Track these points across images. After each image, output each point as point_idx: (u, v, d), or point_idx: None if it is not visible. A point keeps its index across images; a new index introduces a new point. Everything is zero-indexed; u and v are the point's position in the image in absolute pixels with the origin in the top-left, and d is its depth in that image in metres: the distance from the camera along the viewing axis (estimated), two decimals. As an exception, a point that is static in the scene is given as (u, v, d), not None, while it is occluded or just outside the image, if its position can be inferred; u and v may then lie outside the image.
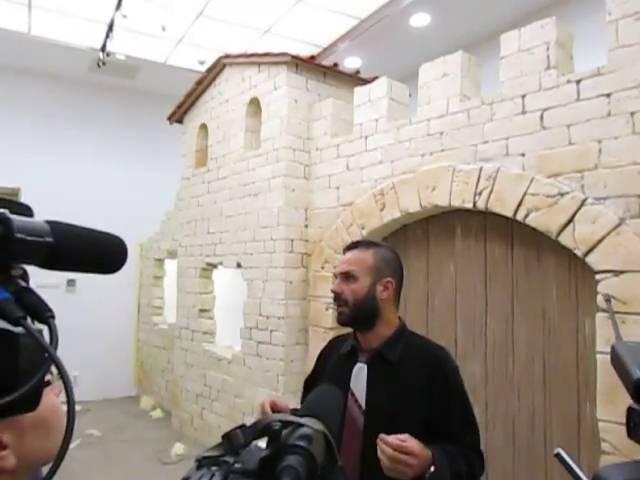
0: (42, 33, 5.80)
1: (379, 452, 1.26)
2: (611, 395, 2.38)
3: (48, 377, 0.54)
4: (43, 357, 0.47)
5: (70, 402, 0.47)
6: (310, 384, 1.75)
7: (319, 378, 1.65)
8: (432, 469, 1.28)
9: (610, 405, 2.38)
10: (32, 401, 0.48)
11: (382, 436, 1.27)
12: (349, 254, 1.56)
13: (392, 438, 1.26)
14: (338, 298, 1.53)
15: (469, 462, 1.40)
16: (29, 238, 0.48)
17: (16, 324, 0.47)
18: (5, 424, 0.50)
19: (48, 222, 0.51)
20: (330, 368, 1.63)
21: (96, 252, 0.56)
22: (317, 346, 4.04)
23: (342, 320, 1.54)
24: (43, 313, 0.50)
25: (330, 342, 1.77)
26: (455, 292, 3.35)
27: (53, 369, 0.54)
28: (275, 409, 1.39)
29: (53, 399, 0.57)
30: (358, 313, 1.51)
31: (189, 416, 5.44)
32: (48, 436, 0.56)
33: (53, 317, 0.50)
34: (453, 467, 1.35)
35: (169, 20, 5.40)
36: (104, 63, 5.76)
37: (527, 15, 4.25)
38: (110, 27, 5.30)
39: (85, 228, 0.55)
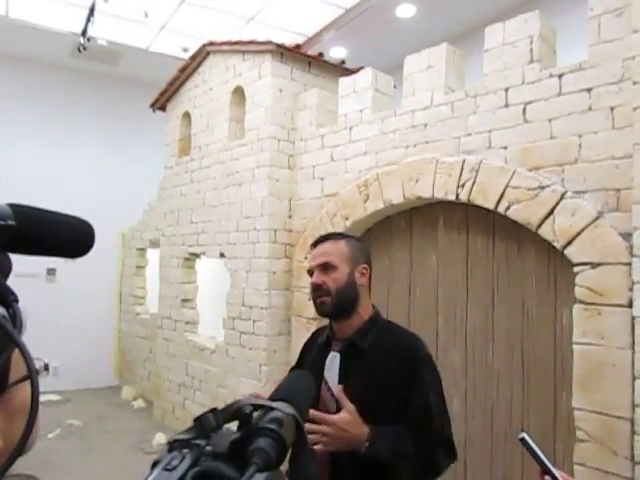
0: (20, 16, 5.66)
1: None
2: (586, 384, 2.44)
3: (38, 367, 0.55)
4: (7, 341, 0.47)
5: (34, 386, 0.47)
6: None
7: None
8: (366, 444, 1.34)
9: (585, 394, 2.44)
10: None
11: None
12: (322, 247, 1.59)
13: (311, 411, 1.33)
14: (319, 289, 1.54)
15: (426, 447, 1.41)
16: None
17: None
18: None
19: (10, 205, 0.51)
20: (309, 359, 1.66)
21: (61, 236, 0.56)
22: (300, 336, 4.06)
23: (325, 310, 1.55)
24: (6, 297, 0.49)
25: (312, 334, 1.80)
26: (437, 283, 3.38)
27: (44, 361, 0.54)
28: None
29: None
30: (341, 301, 1.52)
31: (171, 406, 5.43)
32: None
33: (17, 301, 0.50)
34: (396, 446, 1.37)
35: (152, 6, 5.31)
36: (85, 48, 5.64)
37: (512, 8, 4.27)
38: (91, 11, 5.19)
39: (50, 211, 0.55)
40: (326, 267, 1.54)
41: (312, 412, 1.34)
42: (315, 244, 1.62)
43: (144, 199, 6.62)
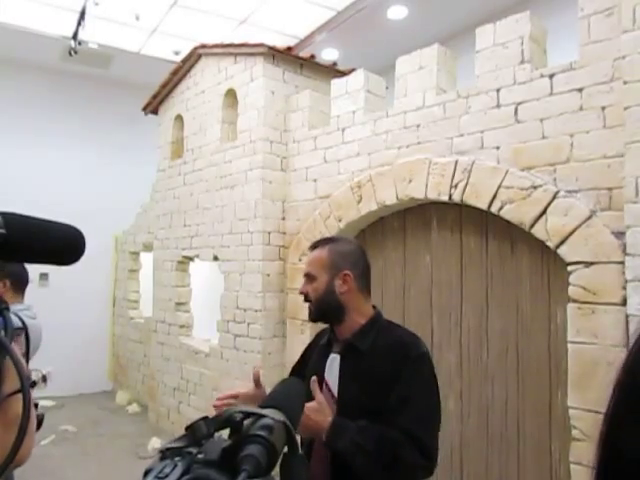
0: (11, 20, 5.63)
1: None
2: (581, 383, 2.44)
3: (34, 378, 0.55)
4: None
5: (25, 393, 0.46)
6: (294, 374, 1.80)
7: (302, 369, 1.72)
8: (323, 437, 1.37)
9: (580, 393, 2.45)
10: None
11: None
12: (310, 255, 1.66)
13: None
14: (306, 297, 1.63)
15: (390, 444, 1.36)
16: None
17: None
18: None
19: (1, 213, 0.50)
20: (311, 360, 1.68)
21: (51, 243, 0.56)
22: (295, 338, 4.06)
23: (310, 317, 1.64)
24: None
25: (316, 335, 1.81)
26: (431, 283, 3.39)
27: (42, 373, 0.55)
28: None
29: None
30: (321, 309, 1.59)
31: (166, 410, 5.40)
32: (28, 437, 0.56)
33: (7, 309, 0.50)
34: (356, 440, 1.35)
35: (143, 9, 5.29)
36: (76, 52, 5.62)
37: (504, 9, 4.29)
38: (82, 15, 5.16)
39: (40, 219, 0.55)
40: (309, 277, 1.62)
41: None
42: (309, 250, 1.69)
43: (137, 202, 6.59)
